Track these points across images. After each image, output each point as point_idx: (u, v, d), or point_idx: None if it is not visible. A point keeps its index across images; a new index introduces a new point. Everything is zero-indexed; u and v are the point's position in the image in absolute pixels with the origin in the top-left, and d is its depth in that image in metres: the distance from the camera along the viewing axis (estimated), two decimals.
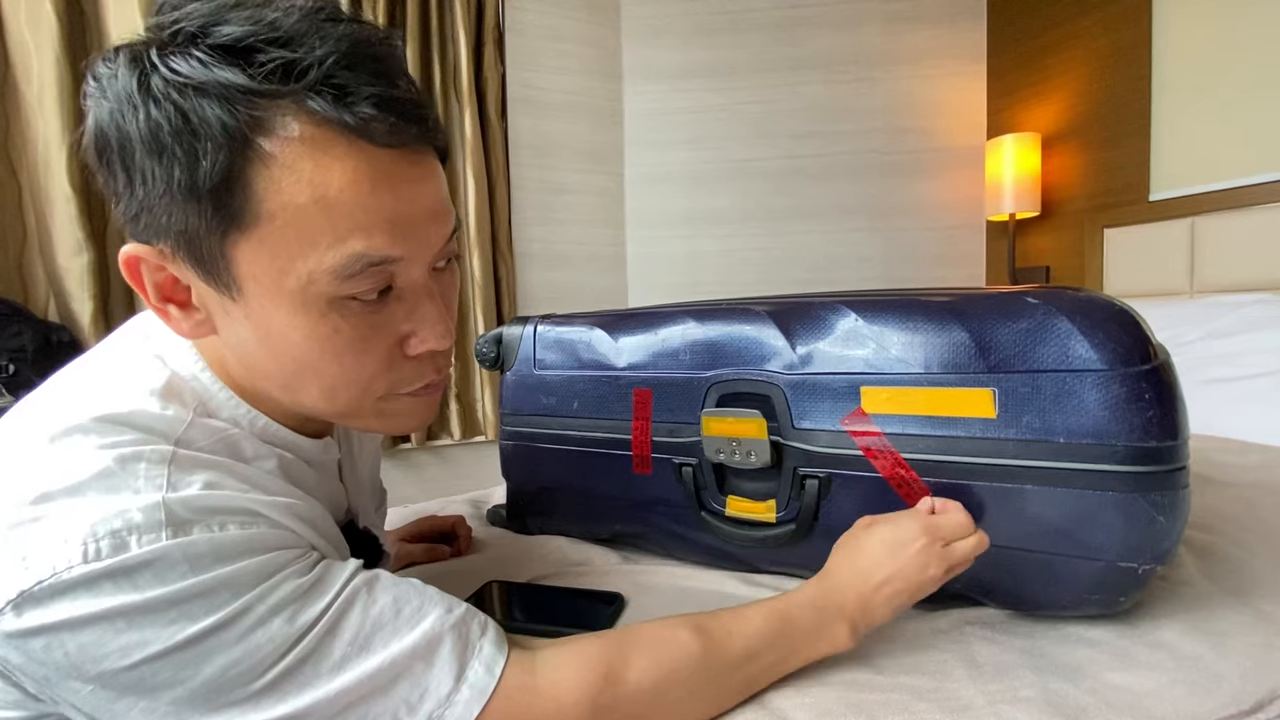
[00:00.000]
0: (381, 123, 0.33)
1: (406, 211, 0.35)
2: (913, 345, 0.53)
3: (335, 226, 0.33)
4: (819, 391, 0.56)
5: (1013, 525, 0.49)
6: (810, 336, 0.58)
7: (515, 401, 0.75)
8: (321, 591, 0.34)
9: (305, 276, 0.34)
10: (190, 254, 0.34)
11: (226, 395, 0.39)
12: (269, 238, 0.33)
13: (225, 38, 0.32)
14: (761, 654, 0.42)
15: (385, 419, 0.41)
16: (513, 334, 0.76)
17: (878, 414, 0.53)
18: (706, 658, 0.40)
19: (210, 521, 0.32)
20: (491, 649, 0.37)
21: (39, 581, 0.29)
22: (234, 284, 0.34)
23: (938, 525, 0.47)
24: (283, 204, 0.32)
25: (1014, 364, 0.49)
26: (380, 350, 0.37)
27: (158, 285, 0.36)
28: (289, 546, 0.35)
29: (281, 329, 0.35)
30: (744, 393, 0.60)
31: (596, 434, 0.69)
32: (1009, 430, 0.49)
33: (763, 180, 2.15)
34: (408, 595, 0.36)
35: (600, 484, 0.70)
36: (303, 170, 0.32)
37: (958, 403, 0.51)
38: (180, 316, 0.37)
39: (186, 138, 0.31)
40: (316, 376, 0.37)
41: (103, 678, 0.30)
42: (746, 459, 0.58)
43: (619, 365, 0.68)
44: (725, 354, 0.62)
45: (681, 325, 0.65)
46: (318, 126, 0.32)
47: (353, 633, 0.34)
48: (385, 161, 0.34)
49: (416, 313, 0.38)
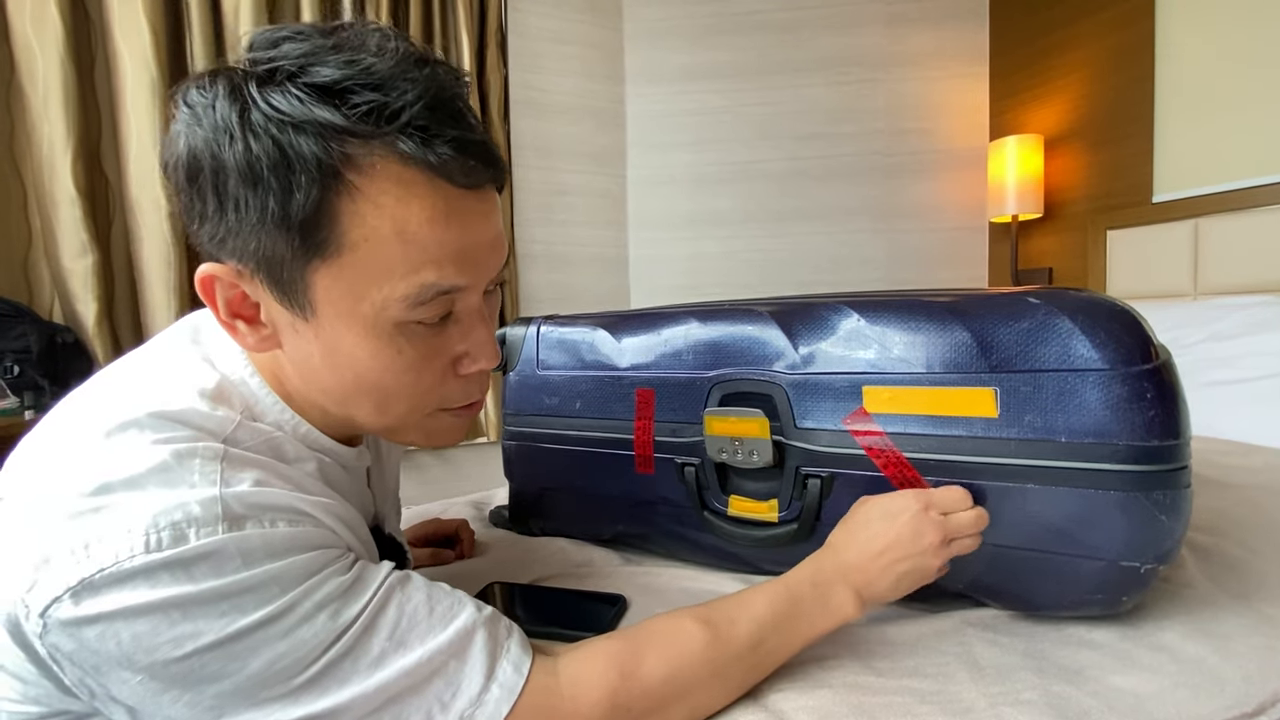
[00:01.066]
0: (460, 164, 0.36)
1: (472, 244, 0.38)
2: (914, 345, 0.53)
3: (410, 258, 0.35)
4: (821, 391, 0.56)
5: (1015, 524, 0.49)
6: (812, 337, 0.58)
7: (518, 402, 0.75)
8: (361, 590, 0.35)
9: (380, 303, 0.36)
10: (270, 277, 0.36)
11: (273, 400, 0.41)
12: (349, 266, 0.35)
13: (323, 79, 0.34)
14: (767, 637, 0.43)
15: (428, 434, 0.43)
16: (516, 335, 0.76)
17: (880, 413, 0.53)
18: (714, 646, 0.41)
19: (262, 517, 0.33)
20: (518, 650, 0.38)
21: (101, 569, 0.30)
22: (309, 306, 0.36)
23: (931, 495, 0.48)
24: (365, 236, 0.35)
25: (1015, 364, 0.49)
26: (436, 370, 0.40)
27: (229, 301, 0.38)
28: (331, 546, 0.36)
29: (350, 349, 0.37)
30: (746, 392, 0.60)
31: (599, 434, 0.69)
32: (1011, 430, 0.49)
33: (765, 182, 2.15)
34: (439, 595, 0.38)
35: (603, 484, 0.70)
36: (386, 205, 0.34)
37: (959, 402, 0.51)
38: (247, 331, 0.39)
39: (283, 171, 0.33)
40: (374, 392, 0.39)
41: (153, 668, 0.31)
42: (749, 458, 0.58)
43: (622, 365, 0.68)
44: (728, 354, 0.62)
45: (684, 325, 0.66)
46: (404, 165, 0.34)
47: (390, 629, 0.35)
48: (458, 199, 0.36)
49: (471, 335, 0.40)
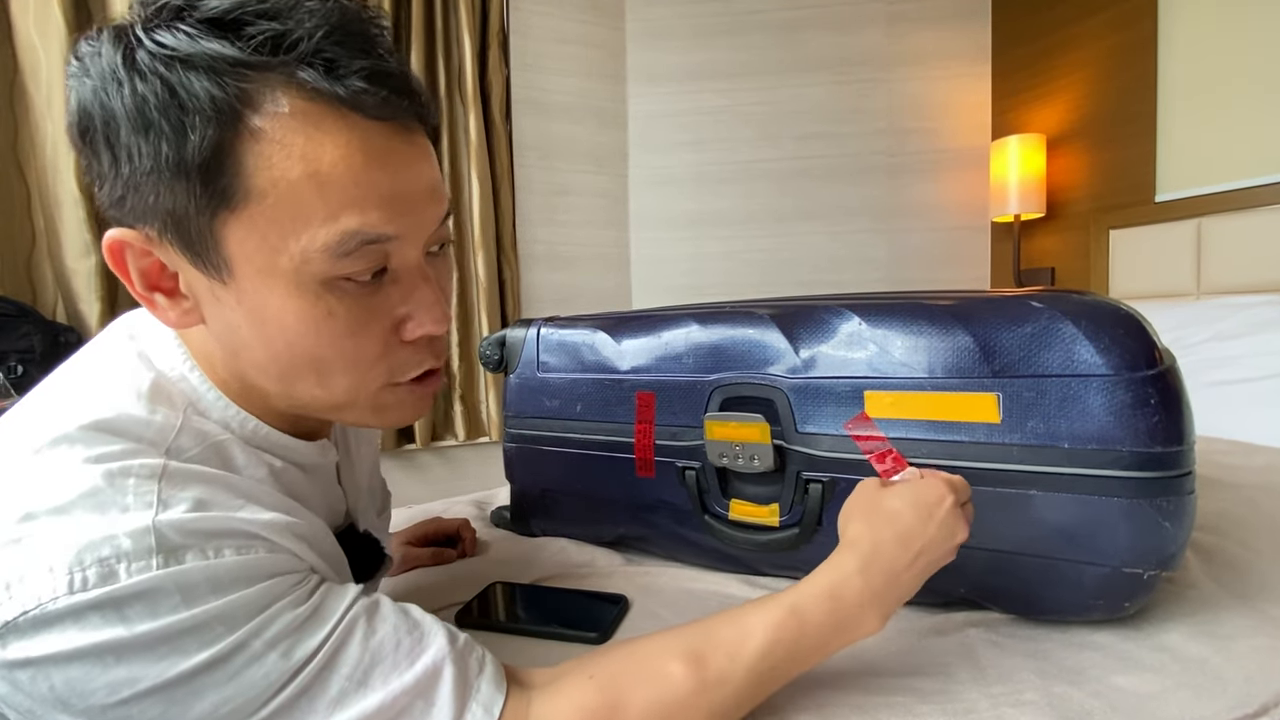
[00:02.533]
0: (372, 95, 0.32)
1: (401, 189, 0.34)
2: (916, 349, 0.53)
3: (329, 203, 0.32)
4: (822, 395, 0.56)
5: (1018, 530, 0.49)
6: (813, 340, 0.58)
7: (519, 404, 0.76)
8: (320, 622, 0.32)
9: (299, 256, 0.32)
10: (179, 236, 0.33)
11: (215, 396, 0.37)
12: (260, 216, 0.32)
13: (212, 11, 0.31)
14: (770, 670, 0.38)
15: (382, 411, 0.39)
16: (516, 336, 0.77)
17: (881, 418, 0.53)
18: (702, 694, 0.36)
19: (205, 546, 0.30)
20: (490, 688, 0.35)
21: (23, 612, 0.27)
22: (224, 266, 0.33)
23: (954, 482, 0.43)
24: (274, 180, 0.31)
25: (1018, 369, 0.49)
26: (377, 334, 0.36)
27: (143, 272, 0.35)
28: (287, 572, 0.33)
29: (275, 313, 0.34)
30: (747, 396, 0.60)
31: (600, 437, 0.69)
32: (1013, 435, 0.49)
33: (767, 182, 2.15)
34: (408, 625, 0.35)
35: (603, 487, 0.70)
36: (294, 145, 0.31)
37: (962, 407, 0.51)
38: (167, 305, 0.35)
39: (174, 112, 0.30)
40: (312, 364, 0.35)
41: (90, 712, 0.28)
42: (749, 463, 0.59)
43: (622, 368, 0.68)
44: (728, 357, 0.62)
45: (684, 328, 0.66)
46: (308, 100, 0.32)
47: (351, 667, 0.32)
48: (378, 136, 0.33)
49: (413, 296, 0.36)
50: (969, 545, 0.51)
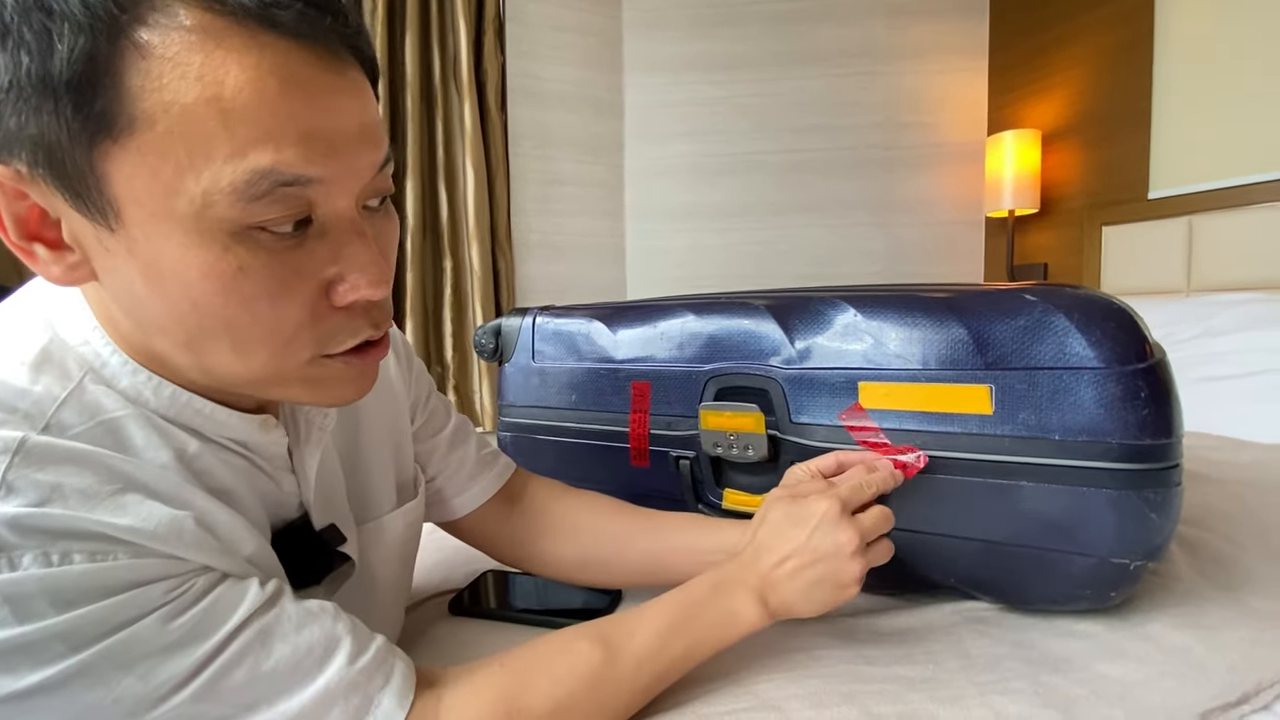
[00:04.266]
0: (286, 9, 0.27)
1: (325, 126, 0.29)
2: (911, 341, 0.53)
3: (234, 135, 0.27)
4: (817, 386, 0.56)
5: (1008, 521, 0.50)
6: (809, 331, 0.58)
7: (513, 393, 0.76)
8: (194, 641, 0.28)
9: (199, 198, 0.27)
10: (53, 171, 0.27)
11: (120, 361, 0.32)
12: (150, 148, 0.27)
13: None
14: (665, 649, 0.40)
15: (315, 387, 0.34)
16: (511, 325, 0.76)
17: (875, 409, 0.54)
18: (609, 666, 0.38)
19: (48, 549, 0.26)
20: (392, 702, 0.32)
21: None
22: (110, 209, 0.28)
23: (843, 493, 0.45)
24: (165, 105, 0.26)
25: (1011, 361, 0.50)
26: (301, 297, 0.31)
27: (19, 219, 0.29)
28: (156, 579, 0.28)
29: (174, 266, 0.28)
30: (742, 387, 0.60)
31: (594, 426, 0.69)
32: (1005, 427, 0.49)
33: (763, 174, 2.15)
34: (310, 642, 0.31)
35: (598, 476, 0.70)
36: (190, 64, 0.26)
37: (955, 399, 0.51)
38: (49, 259, 0.30)
39: (36, 16, 0.25)
40: (226, 330, 0.30)
41: None
42: (744, 453, 0.59)
43: (617, 358, 0.68)
44: (723, 348, 0.62)
45: (680, 319, 0.66)
46: (208, 11, 0.26)
47: (234, 693, 0.29)
48: (297, 61, 0.28)
49: (344, 253, 0.31)
50: (959, 536, 0.52)
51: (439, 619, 0.56)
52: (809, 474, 0.51)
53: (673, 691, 0.42)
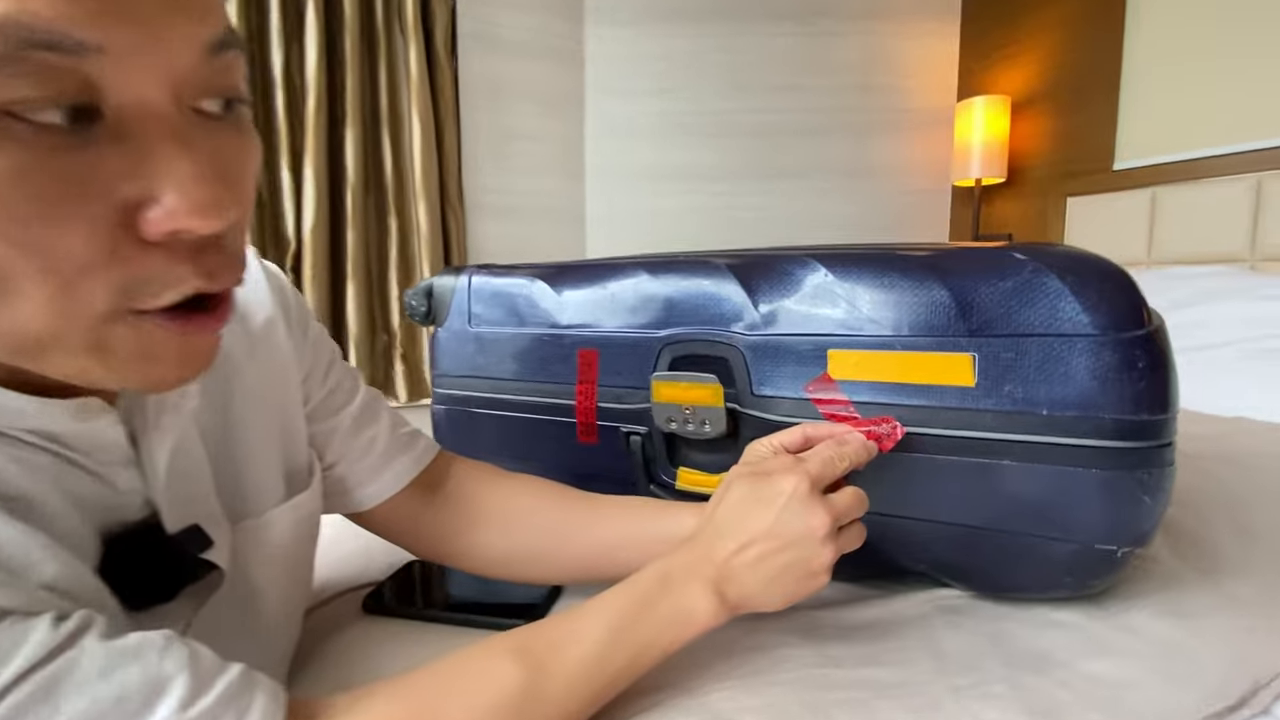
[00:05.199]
0: None
1: None
2: (886, 304, 0.47)
3: None
4: (782, 355, 0.50)
5: (987, 504, 0.45)
6: (774, 293, 0.52)
7: (447, 361, 0.68)
8: None
9: None
10: None
11: None
12: None
13: None
14: (604, 663, 0.34)
15: (115, 360, 0.24)
16: (445, 286, 0.68)
17: (846, 380, 0.48)
18: (535, 688, 0.32)
19: None
20: None
21: None
22: None
23: (811, 469, 0.39)
24: None
25: (997, 327, 0.44)
26: (87, 220, 0.22)
27: None
28: None
29: None
30: (700, 355, 0.54)
31: (537, 399, 0.62)
32: (988, 400, 0.44)
33: (732, 135, 2.06)
34: (121, 690, 0.23)
35: (542, 454, 0.63)
36: None
37: (933, 369, 0.46)
38: None
39: None
40: None
41: None
42: (700, 428, 0.53)
43: (562, 322, 0.61)
44: (680, 312, 0.55)
45: (633, 278, 0.59)
46: None
47: None
48: None
49: (151, 163, 0.22)
50: (934, 519, 0.47)
51: (351, 620, 0.49)
52: (772, 449, 0.45)
53: (611, 703, 0.36)
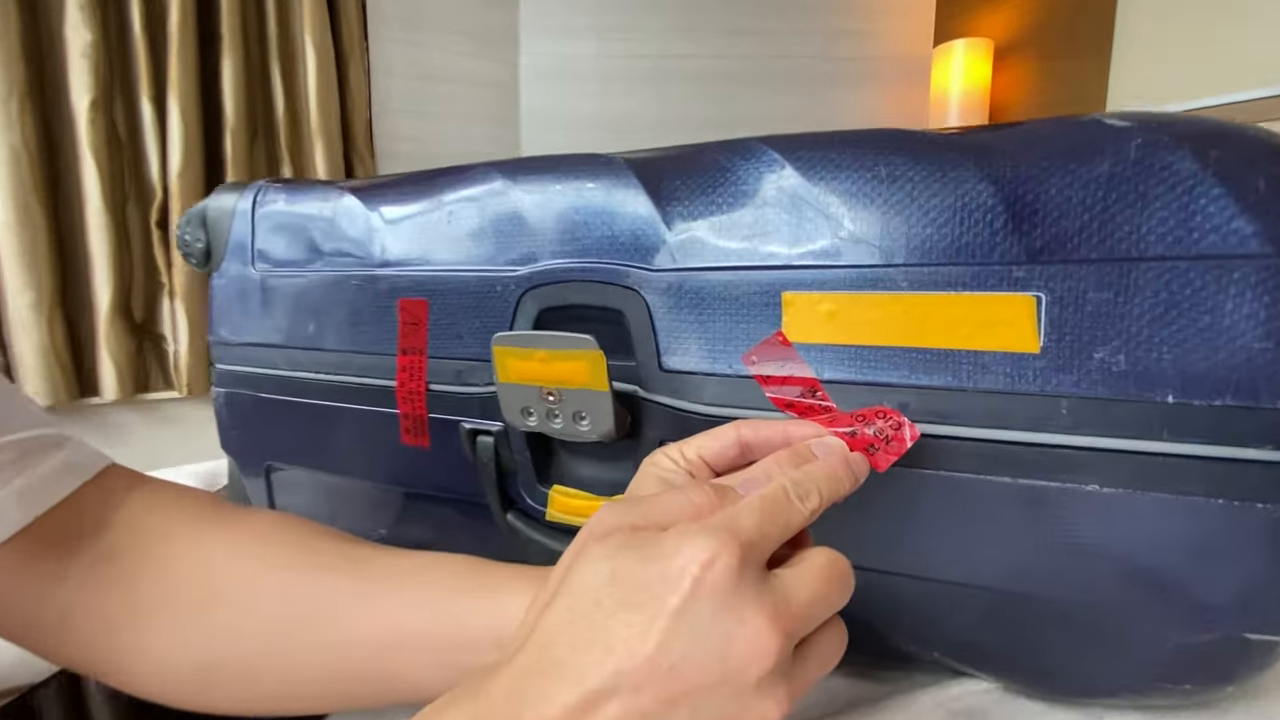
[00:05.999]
0: None
1: None
2: (883, 214, 0.27)
3: None
4: (709, 303, 0.30)
5: (1054, 558, 0.26)
6: (700, 204, 0.31)
7: (226, 323, 0.45)
8: None
9: None
10: None
11: None
12: None
13: None
14: None
15: None
16: (221, 209, 0.45)
17: (813, 344, 0.28)
18: None
19: None
20: None
21: None
22: None
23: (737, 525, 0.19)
24: None
25: (1078, 246, 0.25)
26: None
27: None
28: None
29: None
30: (581, 305, 0.33)
31: (344, 378, 0.41)
32: (1063, 378, 0.25)
33: (684, 83, 1.84)
34: None
35: (354, 464, 0.42)
36: None
37: (966, 322, 0.26)
38: None
39: None
40: None
41: None
42: (573, 425, 0.32)
43: (377, 257, 0.39)
44: (551, 237, 0.34)
45: (483, 187, 0.37)
46: None
47: None
48: None
49: None
50: (962, 581, 0.28)
51: None
52: (681, 467, 0.25)
53: None
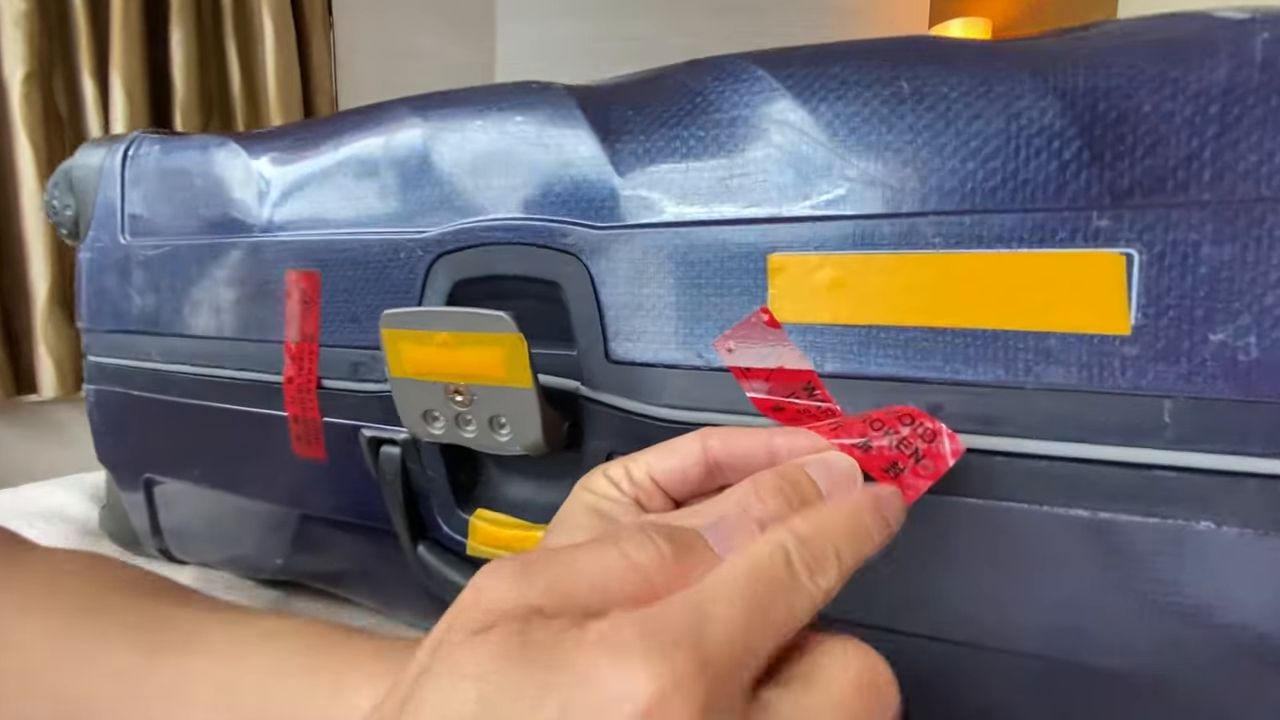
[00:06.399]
0: None
1: None
2: (908, 145, 0.20)
3: None
4: (671, 270, 0.22)
5: (1144, 621, 0.19)
6: (661, 140, 0.24)
7: (93, 304, 0.37)
8: None
9: None
10: None
11: None
12: None
13: None
14: None
15: None
16: (88, 168, 0.37)
17: (807, 324, 0.20)
18: None
19: None
20: None
21: None
22: None
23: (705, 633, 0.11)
24: None
25: (1185, 184, 0.17)
26: None
27: None
28: None
29: None
30: (506, 275, 0.26)
31: (225, 372, 0.32)
32: (1166, 371, 0.17)
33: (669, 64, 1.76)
34: None
35: (239, 477, 0.34)
36: None
37: (1027, 292, 0.18)
38: None
39: None
40: None
41: None
42: (491, 434, 0.24)
43: (262, 219, 0.31)
44: (468, 186, 0.27)
45: (391, 127, 0.29)
46: None
47: None
48: None
49: None
50: (1015, 648, 0.21)
51: None
52: (624, 494, 0.17)
53: None
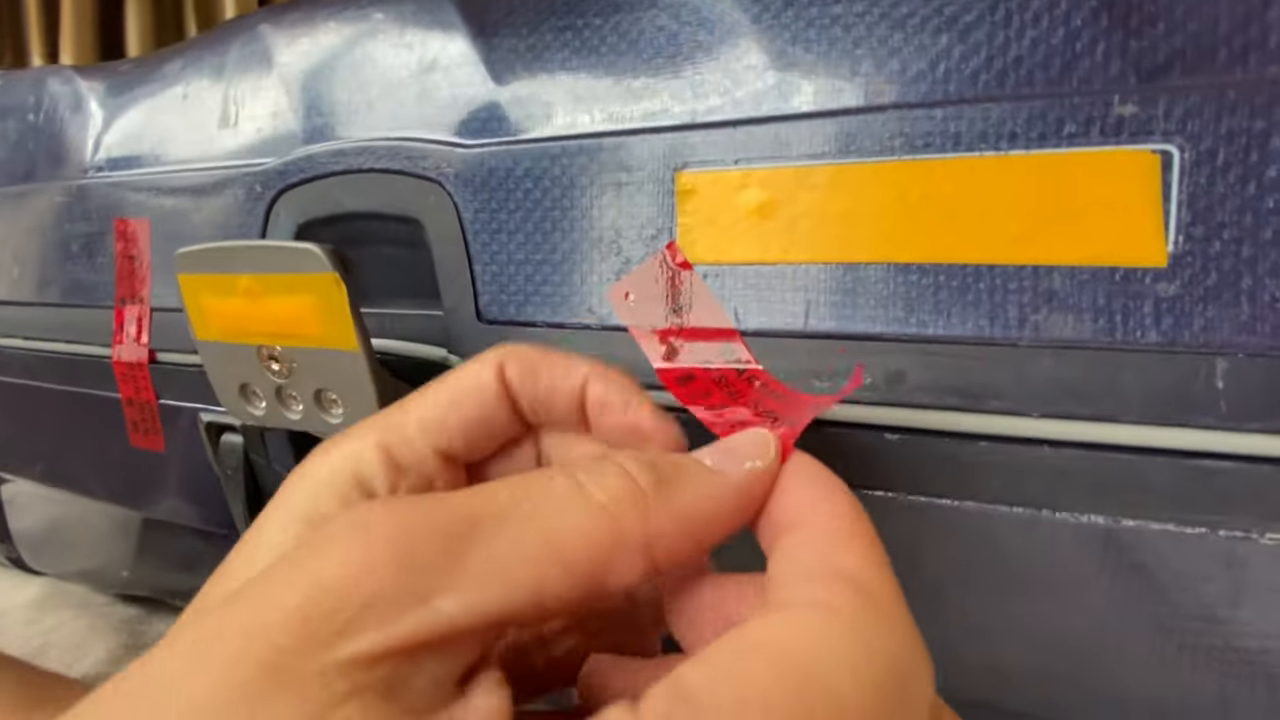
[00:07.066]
0: None
1: None
2: (866, 19, 0.14)
3: None
4: (558, 198, 0.17)
5: (1181, 660, 0.13)
6: (546, 33, 0.18)
7: None
8: None
9: None
10: None
11: None
12: None
13: None
14: None
15: None
16: None
17: (727, 264, 0.15)
18: None
19: None
20: None
21: None
22: None
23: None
24: None
25: (1242, 56, 0.12)
26: None
27: None
28: None
29: None
30: (358, 212, 0.20)
31: (54, 345, 0.27)
32: (1217, 317, 0.12)
33: None
34: None
35: (76, 472, 0.28)
36: None
37: (1023, 209, 0.13)
38: None
39: None
40: None
41: None
42: (319, 412, 0.19)
43: (89, 158, 0.26)
44: (312, 104, 0.21)
45: (239, 42, 0.24)
46: None
47: None
48: None
49: None
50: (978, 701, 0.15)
51: None
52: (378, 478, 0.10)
53: None
